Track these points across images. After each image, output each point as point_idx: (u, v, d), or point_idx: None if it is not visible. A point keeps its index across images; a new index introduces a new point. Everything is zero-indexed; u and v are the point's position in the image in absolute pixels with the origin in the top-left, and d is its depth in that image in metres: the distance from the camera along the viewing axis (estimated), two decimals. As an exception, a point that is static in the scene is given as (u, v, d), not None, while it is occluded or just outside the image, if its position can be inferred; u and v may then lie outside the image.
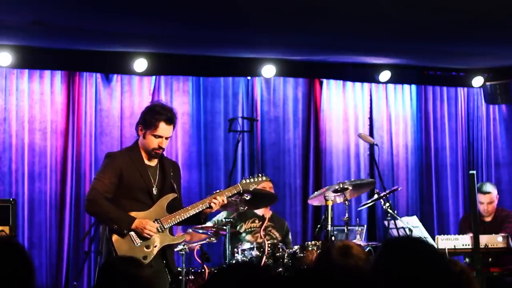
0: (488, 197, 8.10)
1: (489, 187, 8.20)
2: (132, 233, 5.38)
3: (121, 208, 5.42)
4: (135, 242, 5.38)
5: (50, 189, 8.26)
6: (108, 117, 8.51)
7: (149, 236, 5.39)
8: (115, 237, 5.37)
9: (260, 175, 6.00)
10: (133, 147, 5.61)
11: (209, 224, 6.80)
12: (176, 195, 5.58)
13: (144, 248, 5.40)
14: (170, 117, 5.49)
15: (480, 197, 7.99)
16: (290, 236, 7.67)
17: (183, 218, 5.52)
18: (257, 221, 7.39)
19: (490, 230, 7.90)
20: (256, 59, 8.78)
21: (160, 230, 5.44)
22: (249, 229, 7.37)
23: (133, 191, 5.47)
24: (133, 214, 5.42)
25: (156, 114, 5.47)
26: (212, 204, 5.54)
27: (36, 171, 8.23)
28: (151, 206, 5.48)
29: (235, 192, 5.81)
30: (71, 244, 8.27)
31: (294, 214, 9.00)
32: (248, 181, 5.86)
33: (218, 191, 5.76)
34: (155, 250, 5.43)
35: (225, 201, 5.62)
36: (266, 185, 7.31)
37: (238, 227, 7.30)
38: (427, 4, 6.62)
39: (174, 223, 5.49)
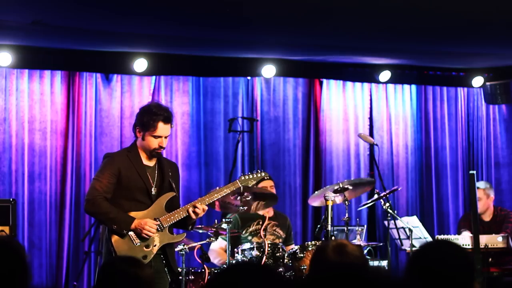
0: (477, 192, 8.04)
1: (479, 183, 8.14)
2: (131, 233, 5.38)
3: (120, 208, 5.42)
4: (134, 242, 5.38)
5: (50, 189, 8.26)
6: (108, 117, 8.52)
7: (148, 236, 5.39)
8: (114, 238, 5.37)
9: (259, 171, 6.00)
10: (131, 148, 5.61)
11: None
12: (175, 193, 5.57)
13: (144, 248, 5.40)
14: (167, 117, 5.50)
15: None
16: (292, 234, 7.64)
17: (182, 217, 5.51)
18: (261, 222, 7.36)
19: (489, 229, 7.90)
20: (256, 59, 8.78)
21: (159, 229, 5.44)
22: (255, 232, 7.34)
23: (132, 191, 5.47)
24: (132, 214, 5.42)
25: (153, 115, 5.47)
26: (198, 211, 5.50)
27: (36, 171, 8.23)
28: (150, 206, 5.48)
29: (234, 189, 5.82)
30: (71, 244, 8.27)
31: (294, 214, 9.00)
32: (247, 177, 5.87)
33: (217, 188, 5.77)
34: (155, 250, 5.43)
35: (205, 209, 5.57)
36: (267, 184, 7.31)
37: (243, 232, 7.28)
38: (427, 4, 6.62)
39: (173, 222, 5.49)
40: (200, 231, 6.82)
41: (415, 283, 2.90)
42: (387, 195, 7.21)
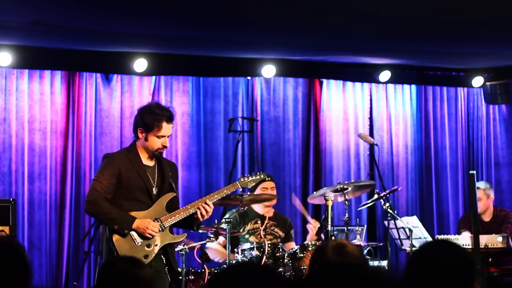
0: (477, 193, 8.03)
1: (479, 183, 8.13)
2: (132, 232, 5.39)
3: (121, 209, 5.42)
4: (135, 241, 5.38)
5: (50, 189, 8.26)
6: (108, 117, 8.52)
7: (151, 236, 5.40)
8: (116, 237, 5.38)
9: (258, 172, 6.01)
10: (130, 148, 5.61)
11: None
12: (176, 194, 5.58)
13: (145, 247, 5.41)
14: (170, 116, 5.52)
15: None
16: (292, 232, 7.66)
17: (183, 217, 5.52)
18: (259, 222, 7.37)
19: (489, 229, 7.90)
20: (256, 59, 8.78)
21: (160, 229, 5.45)
22: (252, 230, 7.36)
23: (132, 192, 5.47)
24: (133, 213, 5.42)
25: (156, 115, 5.47)
26: (204, 212, 5.50)
27: (36, 171, 8.23)
28: (151, 206, 5.48)
29: (234, 190, 5.84)
30: (71, 244, 8.27)
31: (294, 214, 9.00)
32: (246, 179, 5.87)
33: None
34: (156, 249, 5.44)
35: (211, 206, 5.57)
36: (268, 186, 7.31)
37: (241, 230, 7.29)
38: (427, 4, 6.62)
39: (174, 222, 5.50)
40: (200, 231, 6.82)
41: (415, 283, 2.90)
42: (387, 195, 7.21)
